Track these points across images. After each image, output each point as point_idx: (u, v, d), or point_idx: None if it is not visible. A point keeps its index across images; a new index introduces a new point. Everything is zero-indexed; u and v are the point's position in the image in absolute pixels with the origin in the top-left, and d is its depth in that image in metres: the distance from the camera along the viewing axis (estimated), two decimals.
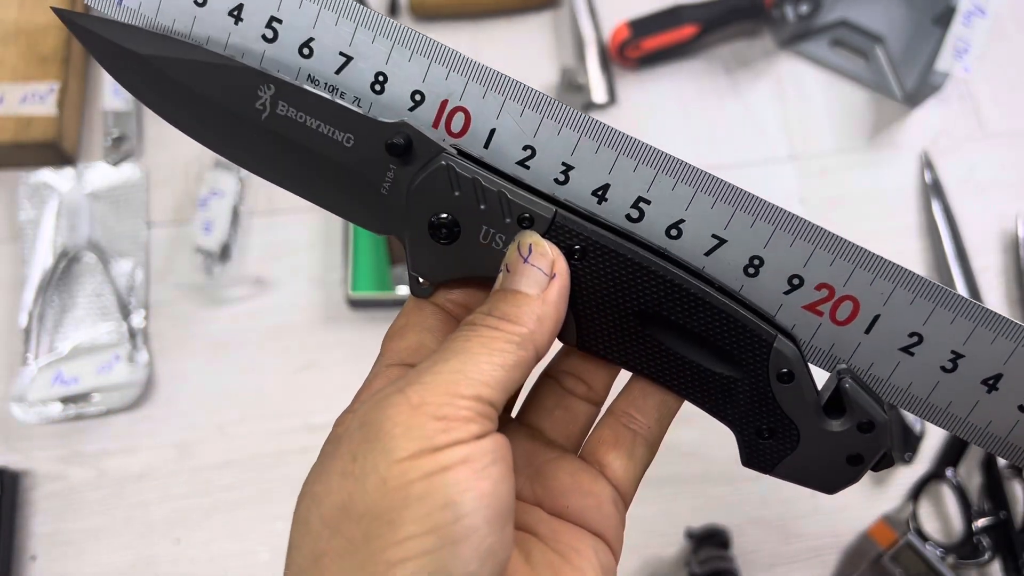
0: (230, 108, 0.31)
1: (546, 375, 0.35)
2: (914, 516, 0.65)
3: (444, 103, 0.30)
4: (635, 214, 0.30)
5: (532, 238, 0.29)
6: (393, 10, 0.81)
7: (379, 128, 0.30)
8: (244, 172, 0.73)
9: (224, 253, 0.70)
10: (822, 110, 0.79)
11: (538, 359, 0.29)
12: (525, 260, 0.29)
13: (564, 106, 0.30)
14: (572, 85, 0.77)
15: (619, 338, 0.31)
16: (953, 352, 0.30)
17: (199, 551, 0.63)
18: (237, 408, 0.67)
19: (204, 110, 0.31)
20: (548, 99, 0.30)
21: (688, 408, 0.33)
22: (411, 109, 0.31)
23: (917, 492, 0.66)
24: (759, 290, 0.30)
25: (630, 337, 0.31)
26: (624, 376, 0.34)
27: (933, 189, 0.76)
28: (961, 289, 0.72)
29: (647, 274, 0.30)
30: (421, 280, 0.31)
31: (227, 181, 0.72)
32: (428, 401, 0.25)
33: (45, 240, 0.70)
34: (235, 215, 0.72)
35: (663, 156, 0.30)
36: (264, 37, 0.31)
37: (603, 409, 0.34)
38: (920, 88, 0.77)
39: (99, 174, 0.73)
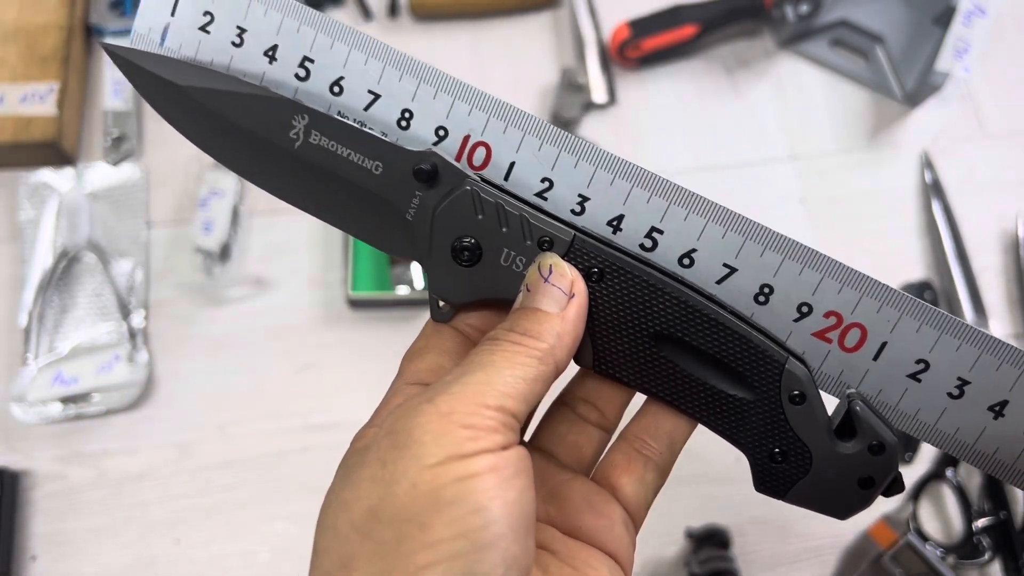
0: (265, 137, 0.33)
1: (560, 402, 0.36)
2: (914, 516, 0.65)
3: (467, 138, 0.32)
4: (649, 243, 0.32)
5: (552, 259, 0.31)
6: (393, 10, 0.81)
7: (407, 156, 0.32)
8: None
9: (224, 253, 0.70)
10: (822, 110, 0.79)
11: (557, 375, 0.30)
12: (545, 280, 0.30)
13: (581, 140, 0.32)
14: (572, 85, 0.77)
15: (635, 359, 0.32)
16: (959, 379, 0.30)
17: (199, 551, 0.63)
18: (237, 408, 0.67)
19: (239, 139, 0.33)
20: (565, 135, 0.32)
21: None
22: (435, 144, 0.32)
23: (917, 492, 0.66)
24: (769, 317, 0.31)
25: (646, 358, 0.32)
26: (636, 403, 0.35)
27: (933, 189, 0.76)
28: (961, 289, 0.72)
29: (663, 296, 0.31)
30: (441, 304, 0.32)
31: (227, 181, 0.72)
32: (456, 410, 0.26)
33: (45, 240, 0.70)
34: (235, 215, 0.72)
35: (675, 188, 0.31)
36: (297, 76, 0.33)
37: (615, 434, 0.35)
38: (920, 88, 0.77)
39: (99, 174, 0.73)
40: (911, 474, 0.67)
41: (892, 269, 0.73)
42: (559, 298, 0.30)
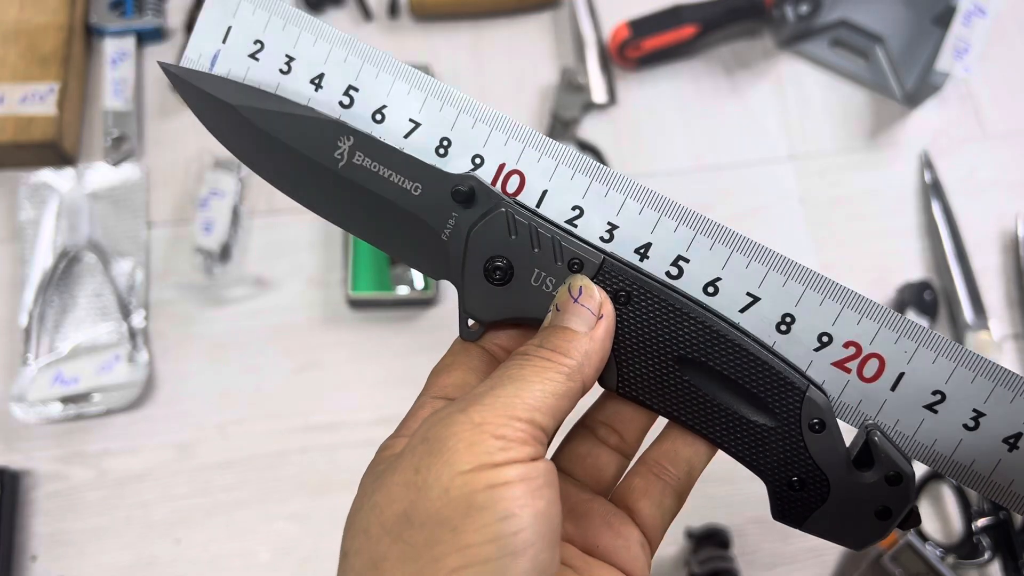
0: (310, 156, 0.34)
1: (581, 424, 0.36)
2: None
3: (502, 166, 0.34)
4: (675, 271, 0.32)
5: (582, 281, 0.31)
6: (393, 10, 0.81)
7: (446, 178, 0.33)
8: (244, 172, 0.73)
9: (224, 253, 0.70)
10: (822, 110, 0.79)
11: (584, 392, 0.30)
12: (575, 300, 0.31)
13: (611, 171, 0.33)
14: (572, 85, 0.77)
15: (659, 383, 0.32)
16: (975, 411, 0.31)
17: (199, 551, 0.63)
18: (237, 408, 0.67)
19: (285, 157, 0.34)
20: (597, 165, 0.33)
21: None
22: (472, 171, 0.34)
23: (917, 492, 0.66)
24: (791, 346, 0.32)
25: (669, 382, 0.32)
26: (656, 428, 0.36)
27: (933, 189, 0.76)
28: (961, 289, 0.72)
29: (689, 320, 0.32)
30: (471, 323, 0.33)
31: (227, 181, 0.72)
32: (488, 421, 0.27)
33: (45, 240, 0.70)
34: (235, 215, 0.72)
35: (702, 219, 0.32)
36: (341, 104, 0.34)
37: (635, 459, 0.36)
38: (920, 88, 0.77)
39: (99, 174, 0.73)
40: None
41: (892, 269, 0.73)
42: (588, 318, 0.31)
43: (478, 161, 0.33)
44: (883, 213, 0.76)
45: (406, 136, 0.34)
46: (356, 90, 0.34)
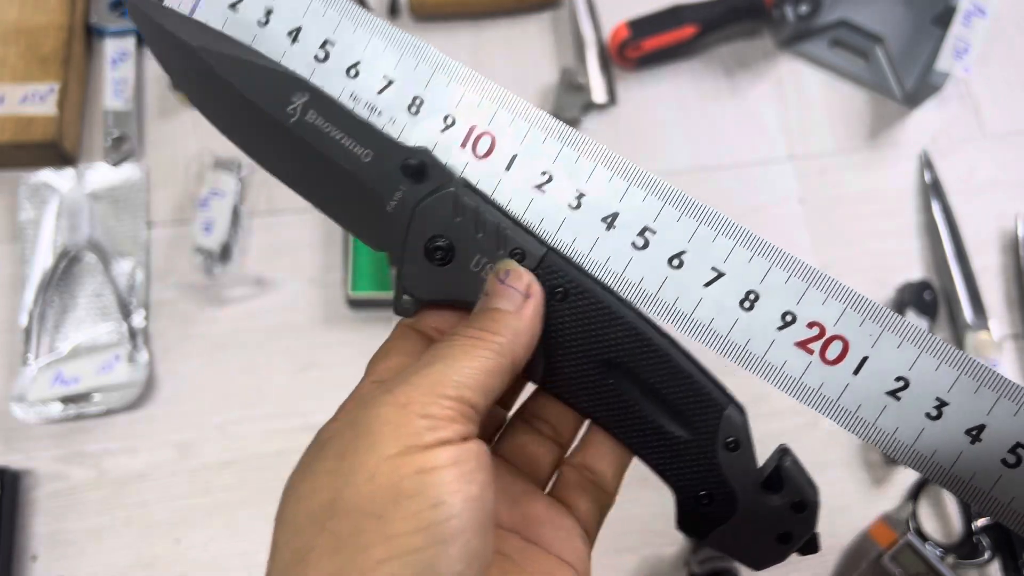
0: (262, 107, 0.33)
1: (518, 416, 0.36)
2: (914, 516, 0.65)
3: (473, 128, 0.33)
4: (641, 243, 0.32)
5: (509, 265, 0.31)
6: (393, 10, 0.81)
7: (399, 150, 0.32)
8: (244, 172, 0.73)
9: (224, 253, 0.70)
10: (822, 110, 0.79)
11: (514, 370, 0.30)
12: (502, 283, 0.31)
13: (583, 137, 0.32)
14: (572, 85, 0.77)
15: (583, 382, 0.32)
16: (938, 399, 0.30)
17: (199, 551, 0.63)
18: (237, 408, 0.67)
19: (239, 106, 0.34)
20: (571, 130, 0.32)
21: None
22: (442, 131, 0.33)
23: (917, 492, 0.66)
24: (754, 324, 0.31)
25: (593, 383, 0.32)
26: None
27: (933, 189, 0.76)
28: (960, 289, 0.72)
29: (621, 324, 0.31)
30: (406, 297, 0.33)
31: (227, 181, 0.72)
32: (415, 400, 0.26)
33: (45, 240, 0.70)
34: (235, 215, 0.72)
35: (670, 189, 0.32)
36: (316, 57, 0.34)
37: (569, 452, 0.36)
38: (920, 88, 0.77)
39: (99, 174, 0.73)
40: (910, 474, 0.67)
41: (892, 269, 0.73)
42: (515, 297, 0.30)
43: (449, 121, 0.33)
44: (883, 213, 0.76)
45: (379, 92, 0.33)
46: (332, 44, 0.33)
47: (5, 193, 0.73)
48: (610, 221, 0.32)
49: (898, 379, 0.30)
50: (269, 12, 0.34)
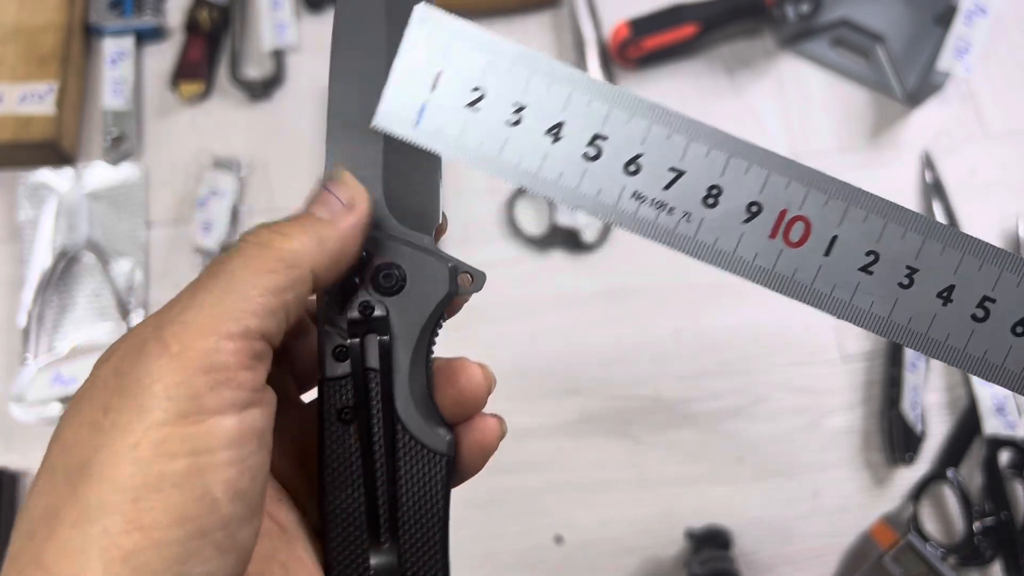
0: None
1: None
2: (915, 516, 0.64)
3: (783, 212, 0.30)
4: (592, 152, 0.30)
5: (343, 172, 0.28)
6: None
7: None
8: (244, 172, 0.73)
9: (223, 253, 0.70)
10: (823, 110, 0.79)
11: (315, 285, 0.26)
12: (324, 188, 0.27)
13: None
14: None
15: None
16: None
17: None
18: None
19: None
20: (895, 206, 0.30)
21: (690, 409, 0.33)
22: (746, 221, 0.30)
23: (918, 493, 0.66)
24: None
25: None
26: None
27: (934, 189, 0.76)
28: None
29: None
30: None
31: (226, 181, 0.72)
32: (190, 347, 0.22)
33: (44, 240, 0.70)
34: (235, 215, 0.72)
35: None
36: (586, 155, 0.30)
37: None
38: (921, 88, 0.77)
39: (98, 174, 0.73)
40: (911, 475, 0.66)
41: None
42: (333, 204, 0.27)
43: (754, 209, 0.30)
44: None
45: (666, 188, 0.31)
46: (604, 139, 0.30)
47: (4, 193, 0.73)
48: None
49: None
50: (520, 109, 0.30)
